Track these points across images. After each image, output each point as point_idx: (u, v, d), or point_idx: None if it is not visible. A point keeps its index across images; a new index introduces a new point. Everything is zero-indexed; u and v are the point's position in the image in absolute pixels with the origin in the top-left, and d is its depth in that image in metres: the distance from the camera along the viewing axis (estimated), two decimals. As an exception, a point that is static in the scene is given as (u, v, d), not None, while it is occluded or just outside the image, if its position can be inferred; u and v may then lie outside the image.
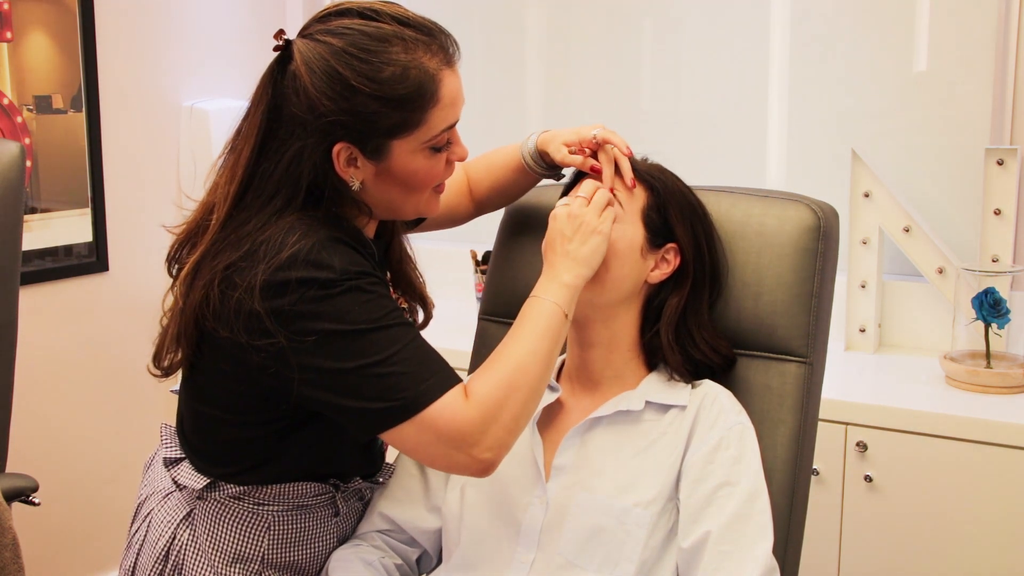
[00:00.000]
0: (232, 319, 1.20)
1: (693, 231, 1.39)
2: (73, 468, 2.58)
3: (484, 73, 2.94)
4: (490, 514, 1.35)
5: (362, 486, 1.44)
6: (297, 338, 1.17)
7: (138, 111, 2.66)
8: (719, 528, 1.25)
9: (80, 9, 2.48)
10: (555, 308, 1.25)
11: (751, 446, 1.31)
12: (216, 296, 1.21)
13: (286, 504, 1.36)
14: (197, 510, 1.38)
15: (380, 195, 1.29)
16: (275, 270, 1.18)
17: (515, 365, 1.21)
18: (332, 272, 1.18)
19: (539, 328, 1.23)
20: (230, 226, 1.25)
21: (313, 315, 1.17)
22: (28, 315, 2.33)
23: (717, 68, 2.59)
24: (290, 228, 1.21)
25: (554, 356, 1.25)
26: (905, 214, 2.24)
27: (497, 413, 1.18)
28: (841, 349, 2.32)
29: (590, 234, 1.29)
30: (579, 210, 1.30)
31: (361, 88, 1.19)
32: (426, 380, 1.18)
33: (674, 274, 1.39)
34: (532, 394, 1.22)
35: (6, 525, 1.57)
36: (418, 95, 1.22)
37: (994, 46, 2.23)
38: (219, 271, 1.22)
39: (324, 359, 1.18)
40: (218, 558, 1.36)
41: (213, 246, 1.25)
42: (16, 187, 1.81)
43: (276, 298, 1.17)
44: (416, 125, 1.23)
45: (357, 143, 1.23)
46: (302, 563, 1.39)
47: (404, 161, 1.25)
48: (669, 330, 1.37)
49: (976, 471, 1.86)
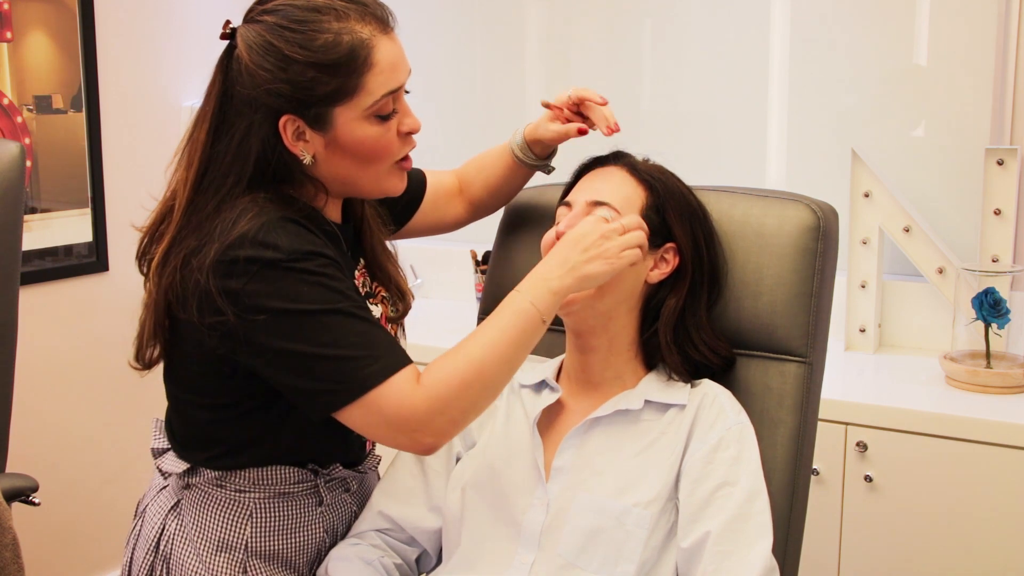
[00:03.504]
0: (189, 300, 1.23)
1: (692, 231, 1.39)
2: (73, 468, 2.58)
3: (484, 73, 2.94)
4: (490, 515, 1.35)
5: (345, 474, 1.44)
6: (246, 317, 1.19)
7: (138, 111, 2.66)
8: (719, 528, 1.25)
9: (80, 9, 2.48)
10: (533, 311, 1.23)
11: (750, 446, 1.31)
12: (178, 280, 1.24)
13: (266, 491, 1.37)
14: (184, 500, 1.40)
15: (333, 170, 1.30)
16: (225, 249, 1.20)
17: (475, 361, 1.21)
18: (278, 252, 1.19)
19: (511, 328, 1.23)
20: (191, 212, 1.28)
21: (261, 294, 1.19)
22: (28, 315, 2.33)
23: (717, 68, 2.59)
24: (243, 209, 1.23)
25: (520, 358, 1.24)
26: (905, 214, 2.24)
27: (445, 406, 1.19)
28: (841, 349, 2.32)
29: (603, 260, 1.27)
30: (610, 231, 1.28)
31: (295, 57, 1.22)
32: (372, 364, 1.19)
33: (673, 274, 1.39)
34: (486, 392, 1.22)
35: (6, 525, 1.57)
36: (351, 59, 1.23)
37: (994, 46, 2.23)
38: (180, 257, 1.25)
39: (272, 338, 1.20)
40: (203, 547, 1.37)
41: (179, 233, 1.28)
42: (16, 187, 1.81)
43: (225, 277, 1.20)
44: (354, 91, 1.24)
45: (300, 113, 1.24)
46: (287, 553, 1.39)
47: (349, 129, 1.26)
48: (667, 330, 1.37)
49: (976, 471, 1.86)
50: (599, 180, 1.40)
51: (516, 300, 1.24)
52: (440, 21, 2.92)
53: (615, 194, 1.37)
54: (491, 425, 1.43)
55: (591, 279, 1.27)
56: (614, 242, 1.28)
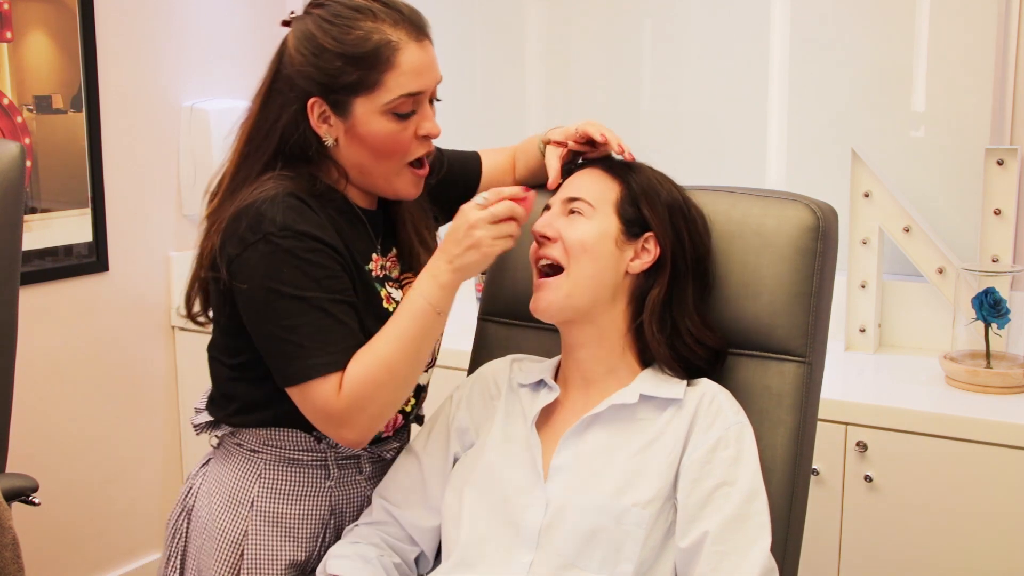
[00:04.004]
0: (211, 258, 1.38)
1: (671, 221, 1.39)
2: (73, 468, 2.58)
3: (484, 73, 2.94)
4: (489, 515, 1.35)
5: (358, 452, 1.49)
6: (233, 282, 1.33)
7: (138, 111, 2.66)
8: (717, 528, 1.25)
9: (80, 9, 2.48)
10: (428, 307, 1.34)
11: (749, 446, 1.31)
12: (211, 240, 1.39)
13: (275, 454, 1.46)
14: (213, 459, 1.54)
15: (352, 157, 1.40)
16: (234, 217, 1.34)
17: (383, 361, 1.32)
18: (273, 226, 1.31)
19: (411, 326, 1.34)
20: (235, 178, 1.42)
21: (248, 265, 1.32)
22: (28, 315, 2.34)
23: (717, 68, 2.59)
24: (263, 181, 1.37)
25: (425, 350, 1.36)
26: (905, 214, 2.24)
27: (364, 405, 1.32)
28: (841, 349, 2.31)
29: (474, 249, 1.33)
30: (478, 220, 1.32)
31: (327, 46, 1.35)
32: (315, 357, 1.31)
33: (657, 264, 1.39)
34: (399, 388, 1.35)
35: (6, 525, 1.57)
36: (374, 56, 1.34)
37: (994, 46, 2.23)
38: (216, 219, 1.39)
39: (247, 307, 1.35)
40: (216, 501, 1.49)
41: (223, 199, 1.41)
42: (16, 187, 1.81)
43: (228, 241, 1.34)
44: (373, 86, 1.35)
45: (325, 97, 1.37)
46: (289, 520, 1.46)
47: (366, 121, 1.37)
48: (653, 320, 1.38)
49: (976, 471, 1.86)
50: (576, 179, 1.43)
51: (412, 299, 1.35)
52: (440, 21, 2.90)
53: (589, 190, 1.39)
54: (489, 425, 1.43)
55: (469, 269, 1.34)
56: (484, 231, 1.32)
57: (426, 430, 1.49)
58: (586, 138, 1.48)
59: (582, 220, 1.37)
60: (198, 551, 1.50)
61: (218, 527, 1.47)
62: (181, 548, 1.53)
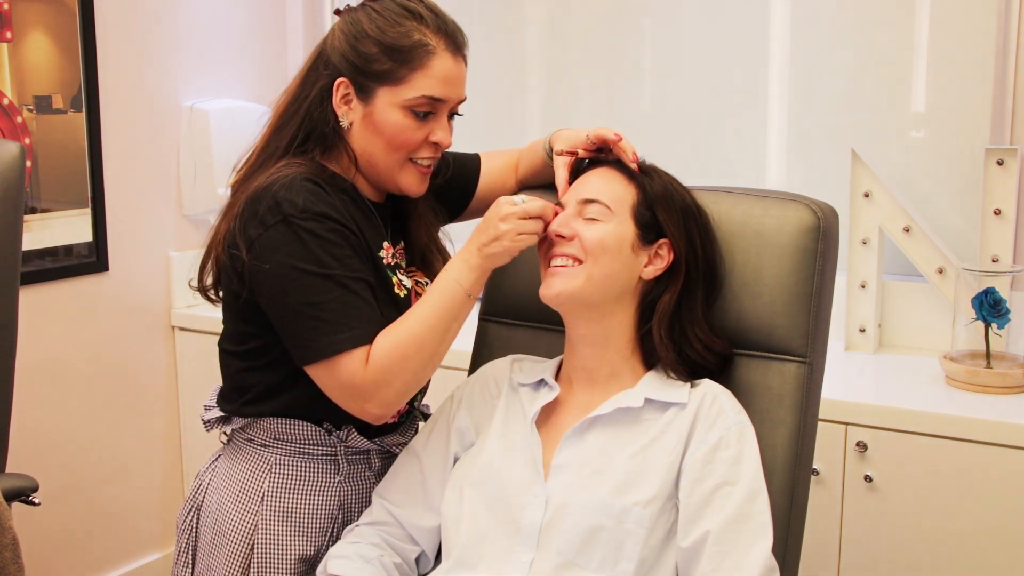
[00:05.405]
0: (227, 241, 1.41)
1: (686, 227, 1.39)
2: (73, 468, 2.58)
3: (484, 73, 2.94)
4: (489, 513, 1.35)
5: (367, 446, 1.50)
6: (255, 263, 1.36)
7: (138, 111, 2.66)
8: (718, 528, 1.25)
9: (80, 9, 2.48)
10: (458, 288, 1.38)
11: (750, 446, 1.31)
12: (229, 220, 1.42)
13: (286, 448, 1.48)
14: (222, 455, 1.55)
15: (362, 143, 1.45)
16: (253, 199, 1.37)
17: (413, 337, 1.36)
18: (293, 208, 1.35)
19: (440, 303, 1.37)
20: (265, 151, 1.47)
21: (270, 246, 1.35)
22: (28, 315, 2.33)
23: (717, 68, 2.59)
24: (279, 168, 1.40)
25: (453, 330, 1.39)
26: (905, 214, 2.24)
27: (390, 379, 1.35)
28: (841, 349, 2.32)
29: (499, 242, 1.36)
30: (508, 215, 1.36)
31: (370, 32, 1.42)
32: (342, 332, 1.34)
33: (668, 270, 1.39)
34: (425, 364, 1.37)
35: (6, 525, 1.57)
36: (409, 53, 1.41)
37: (994, 46, 2.23)
38: (237, 197, 1.43)
39: (270, 287, 1.37)
40: (226, 496, 1.50)
41: (250, 171, 1.46)
42: (16, 187, 1.81)
43: (248, 223, 1.37)
44: (400, 80, 1.41)
45: (353, 79, 1.43)
46: (298, 515, 1.47)
47: (383, 109, 1.42)
48: (662, 327, 1.38)
49: (976, 471, 1.86)
50: (592, 179, 1.42)
51: (443, 279, 1.39)
52: (440, 21, 2.92)
53: (606, 191, 1.38)
54: (489, 425, 1.43)
55: (494, 259, 1.38)
56: (511, 225, 1.36)
57: (426, 430, 1.49)
58: (599, 143, 1.47)
59: (600, 224, 1.37)
60: (208, 546, 1.51)
61: (228, 521, 1.48)
62: (192, 544, 1.54)
